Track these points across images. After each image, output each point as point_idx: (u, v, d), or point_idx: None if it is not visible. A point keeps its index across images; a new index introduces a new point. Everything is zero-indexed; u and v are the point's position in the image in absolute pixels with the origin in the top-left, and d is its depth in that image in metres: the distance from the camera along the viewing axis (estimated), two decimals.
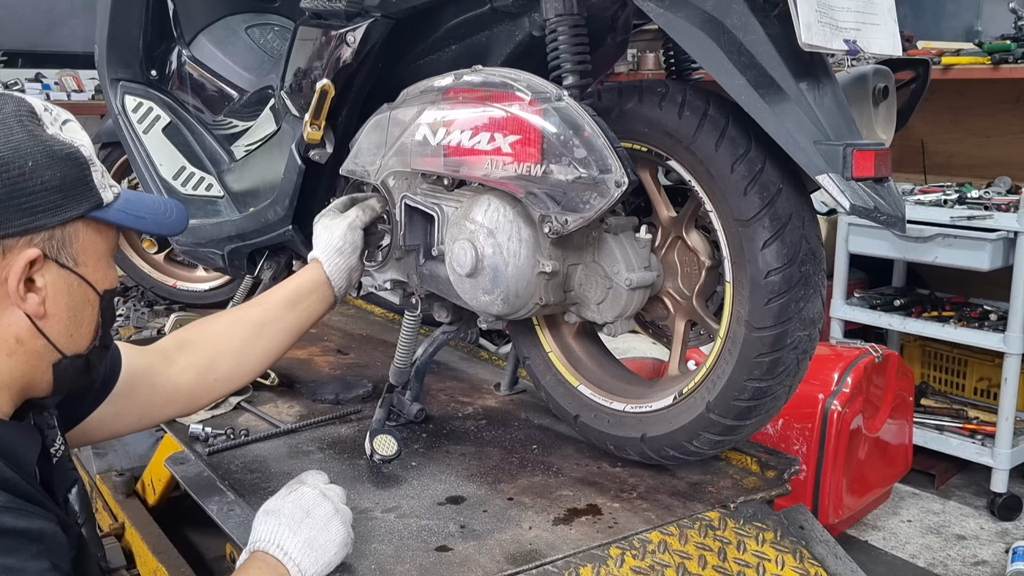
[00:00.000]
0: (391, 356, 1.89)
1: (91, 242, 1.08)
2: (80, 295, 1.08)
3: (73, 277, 1.06)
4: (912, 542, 2.91)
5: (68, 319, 1.07)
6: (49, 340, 1.06)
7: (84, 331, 1.10)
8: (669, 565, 1.46)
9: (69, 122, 1.09)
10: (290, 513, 1.27)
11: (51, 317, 1.05)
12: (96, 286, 1.09)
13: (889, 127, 1.67)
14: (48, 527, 1.00)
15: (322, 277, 1.63)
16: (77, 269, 1.06)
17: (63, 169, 1.03)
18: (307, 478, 1.36)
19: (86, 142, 1.08)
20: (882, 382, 2.75)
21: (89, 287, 1.08)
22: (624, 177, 1.36)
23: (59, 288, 1.05)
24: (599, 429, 1.74)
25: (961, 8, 4.04)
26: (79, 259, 1.06)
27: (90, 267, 1.08)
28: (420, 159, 1.60)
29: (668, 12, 1.39)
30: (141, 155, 2.34)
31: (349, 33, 1.71)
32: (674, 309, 1.65)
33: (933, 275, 3.66)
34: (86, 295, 1.08)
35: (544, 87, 1.44)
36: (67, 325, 1.07)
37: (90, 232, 1.07)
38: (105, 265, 1.11)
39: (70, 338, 1.08)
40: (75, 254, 1.06)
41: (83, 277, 1.07)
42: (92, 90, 4.42)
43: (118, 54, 2.39)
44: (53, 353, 1.07)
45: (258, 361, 1.56)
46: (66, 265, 1.05)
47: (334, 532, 1.28)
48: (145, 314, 2.86)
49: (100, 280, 1.10)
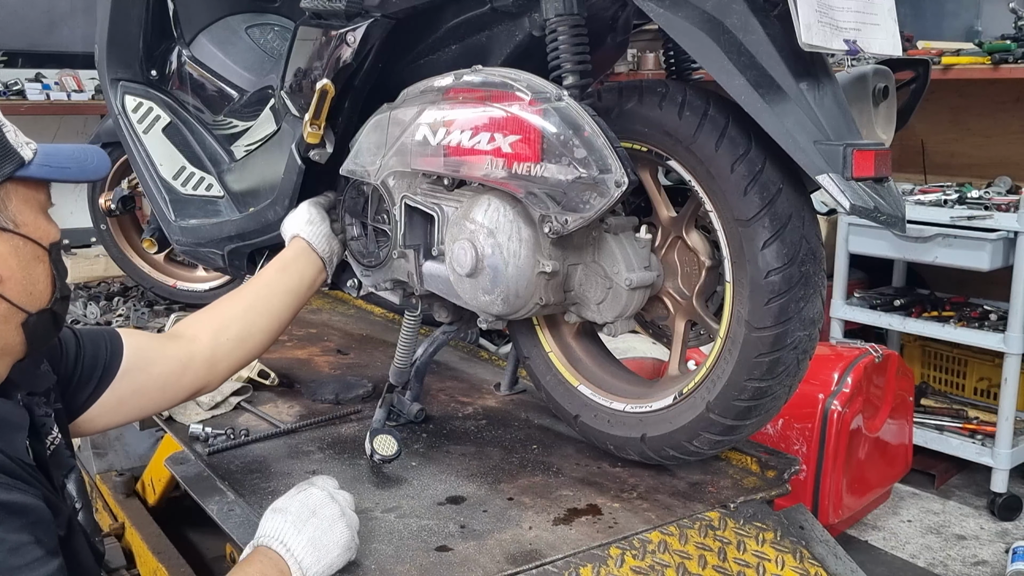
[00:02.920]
0: (391, 356, 1.89)
1: (24, 201, 1.09)
2: (28, 253, 1.10)
3: (16, 238, 1.08)
4: (912, 542, 2.91)
5: (23, 278, 1.09)
6: (11, 302, 1.09)
7: (41, 287, 1.12)
8: (669, 565, 1.46)
9: None
10: (296, 511, 1.27)
11: (6, 280, 1.08)
12: (41, 241, 1.11)
13: (889, 127, 1.67)
14: (31, 502, 1.02)
15: (302, 244, 1.75)
16: (19, 230, 1.08)
17: None
18: (317, 481, 1.37)
19: None
20: (882, 382, 2.75)
21: (35, 244, 1.10)
22: (624, 177, 1.36)
23: (6, 251, 1.08)
24: (599, 429, 1.74)
25: (961, 8, 4.04)
26: (17, 219, 1.08)
27: (30, 225, 1.10)
28: (420, 159, 1.60)
29: (668, 12, 1.39)
30: (141, 155, 2.34)
31: (349, 33, 1.71)
32: (674, 309, 1.65)
33: (933, 275, 3.66)
34: (34, 252, 1.10)
35: (544, 87, 1.44)
36: (24, 284, 1.10)
37: (20, 191, 1.09)
38: (44, 221, 1.13)
39: (30, 296, 1.11)
40: (12, 216, 1.08)
41: (26, 236, 1.09)
42: (92, 90, 4.42)
43: (118, 54, 2.39)
44: (18, 314, 1.10)
45: (265, 324, 1.63)
46: (6, 228, 1.07)
47: (338, 534, 1.28)
48: (145, 314, 2.86)
49: (43, 235, 1.12)
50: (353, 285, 2.03)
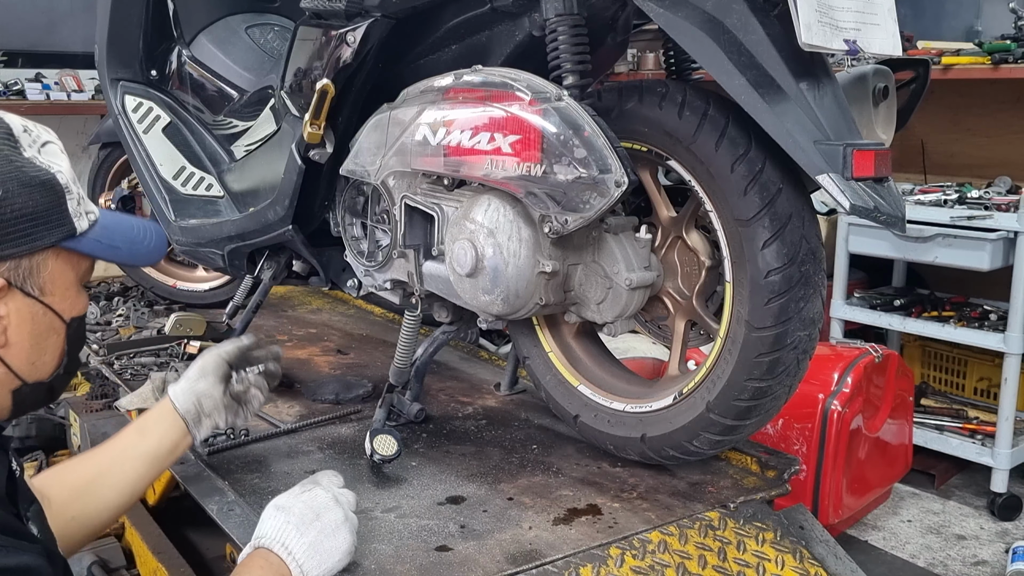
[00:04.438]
0: (391, 356, 1.89)
1: (60, 271, 1.05)
2: (44, 324, 1.05)
3: (38, 306, 1.03)
4: (912, 542, 2.91)
5: (31, 347, 1.05)
6: (10, 368, 1.04)
7: (47, 359, 1.08)
8: (669, 565, 1.46)
9: (49, 144, 1.05)
10: (300, 513, 1.25)
11: (13, 345, 1.03)
12: (63, 315, 1.07)
13: (889, 127, 1.67)
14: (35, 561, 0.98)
15: (167, 402, 1.53)
16: (43, 298, 1.03)
17: (37, 197, 0.99)
18: (322, 479, 1.35)
19: (64, 167, 1.04)
20: (882, 382, 2.75)
21: (55, 316, 1.06)
22: (624, 177, 1.36)
23: (23, 317, 1.02)
24: (599, 429, 1.74)
25: (961, 8, 4.04)
26: (46, 288, 1.03)
27: (57, 296, 1.05)
28: (420, 159, 1.60)
29: (668, 12, 1.39)
30: (141, 155, 2.34)
31: (349, 33, 1.71)
32: (674, 309, 1.65)
33: (933, 275, 3.66)
34: (51, 324, 1.06)
35: (544, 87, 1.44)
36: (29, 353, 1.05)
37: (60, 261, 1.04)
38: (74, 293, 1.08)
39: (32, 366, 1.06)
40: (42, 283, 1.03)
41: (49, 306, 1.05)
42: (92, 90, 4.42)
43: (118, 54, 2.39)
44: (13, 380, 1.05)
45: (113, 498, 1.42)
46: (31, 294, 1.02)
47: (340, 540, 1.26)
48: (145, 314, 2.86)
49: (67, 309, 1.07)
50: (353, 285, 2.03)
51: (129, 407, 2.04)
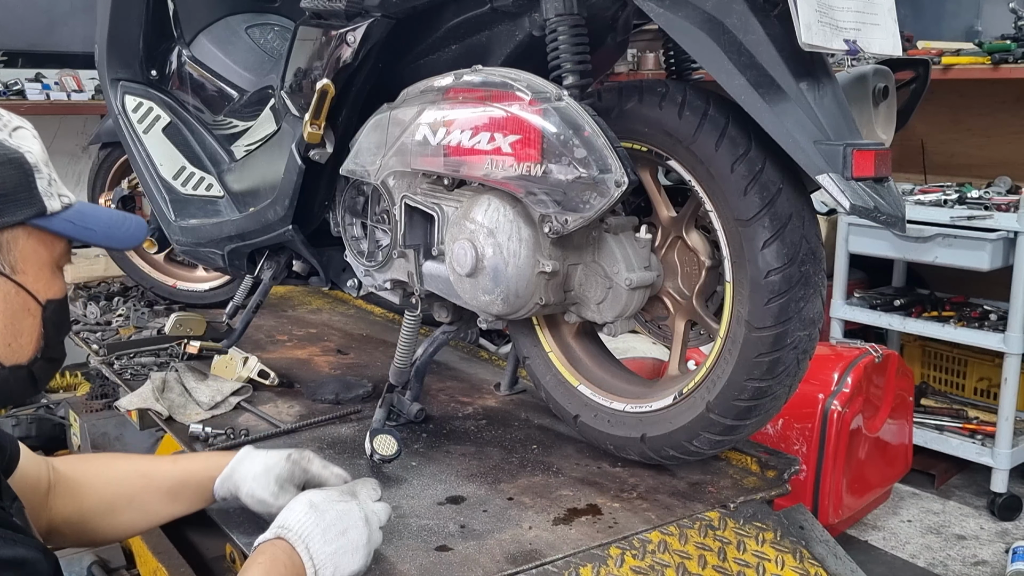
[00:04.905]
0: (391, 356, 1.89)
1: (33, 250, 1.04)
2: (18, 303, 1.04)
3: (9, 284, 1.03)
4: (912, 542, 2.91)
5: (3, 327, 1.03)
6: None
7: (24, 341, 1.06)
8: (669, 565, 1.46)
9: (20, 129, 1.05)
10: (331, 521, 1.23)
11: None
12: (37, 295, 1.06)
13: (889, 127, 1.67)
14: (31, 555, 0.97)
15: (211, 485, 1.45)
16: (14, 276, 1.03)
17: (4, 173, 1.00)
18: (360, 491, 1.33)
19: (35, 149, 1.04)
20: (882, 382, 2.75)
21: (28, 296, 1.05)
22: (624, 177, 1.36)
23: None
24: (599, 429, 1.74)
25: (961, 8, 4.04)
26: (17, 266, 1.03)
27: (31, 276, 1.04)
28: (420, 159, 1.60)
29: (668, 12, 1.39)
30: (141, 155, 2.34)
31: (349, 33, 1.71)
32: (674, 309, 1.65)
33: (933, 275, 3.66)
34: (25, 304, 1.05)
35: (544, 87, 1.44)
36: (3, 333, 1.04)
37: (32, 240, 1.04)
38: (48, 274, 1.07)
39: (7, 347, 1.04)
40: (13, 261, 1.02)
41: (21, 285, 1.04)
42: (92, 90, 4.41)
43: (118, 54, 2.39)
44: None
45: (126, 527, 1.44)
46: (2, 272, 1.02)
47: (357, 559, 1.24)
48: (145, 314, 2.85)
49: (42, 290, 1.06)
50: (353, 285, 2.03)
51: (129, 407, 2.04)
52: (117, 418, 2.14)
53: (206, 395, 2.06)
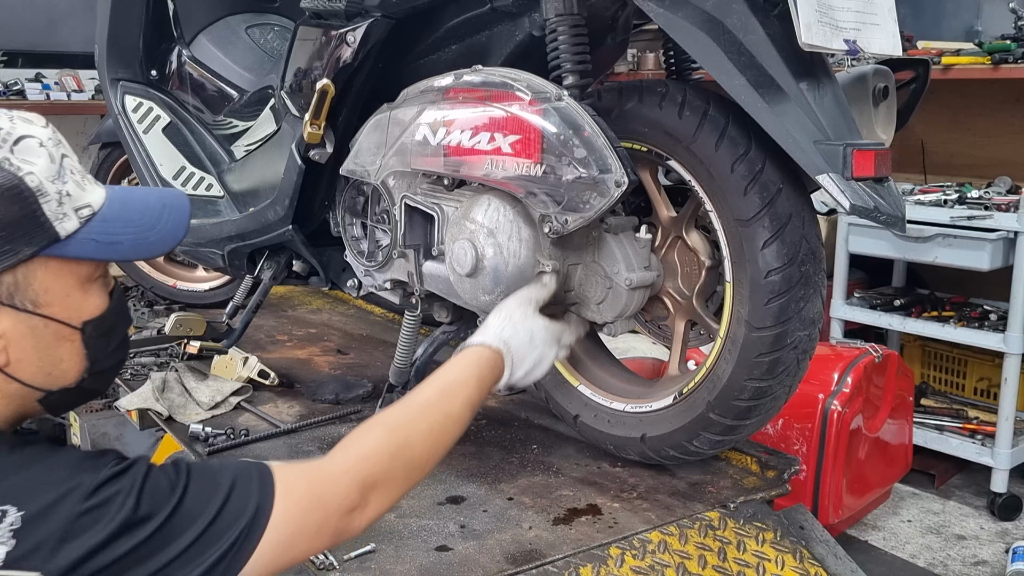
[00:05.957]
0: (391, 356, 1.89)
1: (55, 278, 0.95)
2: (49, 335, 0.96)
3: (36, 319, 0.95)
4: (912, 542, 2.90)
5: (39, 360, 0.97)
6: (23, 383, 0.96)
7: (65, 367, 0.99)
8: (669, 565, 1.46)
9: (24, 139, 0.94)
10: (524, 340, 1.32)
11: (19, 362, 0.95)
12: (70, 321, 0.98)
13: (889, 127, 1.67)
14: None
15: None
16: (40, 311, 0.95)
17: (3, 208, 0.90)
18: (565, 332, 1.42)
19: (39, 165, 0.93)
20: (882, 382, 2.74)
21: (60, 325, 0.97)
22: (624, 177, 1.36)
23: (20, 332, 0.94)
24: (599, 429, 1.74)
25: (961, 8, 4.04)
26: (40, 300, 0.94)
27: (57, 305, 0.96)
28: (420, 159, 1.60)
29: (668, 12, 1.39)
30: (141, 155, 2.34)
31: (349, 33, 1.71)
32: (674, 309, 1.65)
33: (933, 275, 3.66)
34: (58, 333, 0.97)
35: (544, 87, 1.44)
36: (40, 365, 0.97)
37: (51, 268, 0.95)
38: (79, 298, 0.98)
39: (49, 376, 0.98)
40: (34, 296, 0.94)
41: (49, 317, 0.96)
42: (92, 90, 4.41)
43: (118, 54, 2.39)
44: (34, 392, 0.98)
45: None
46: (24, 308, 0.94)
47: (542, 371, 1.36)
48: (145, 314, 2.86)
49: (75, 315, 0.98)
50: (353, 285, 2.03)
51: (129, 407, 2.04)
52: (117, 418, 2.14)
53: (206, 395, 2.06)
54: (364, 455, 1.08)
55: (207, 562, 0.90)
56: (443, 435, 1.18)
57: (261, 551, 0.94)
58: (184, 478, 0.93)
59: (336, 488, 1.02)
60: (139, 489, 0.89)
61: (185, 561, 0.89)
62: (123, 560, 0.86)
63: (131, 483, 0.89)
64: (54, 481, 0.87)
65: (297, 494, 0.98)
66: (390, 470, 1.09)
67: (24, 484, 0.86)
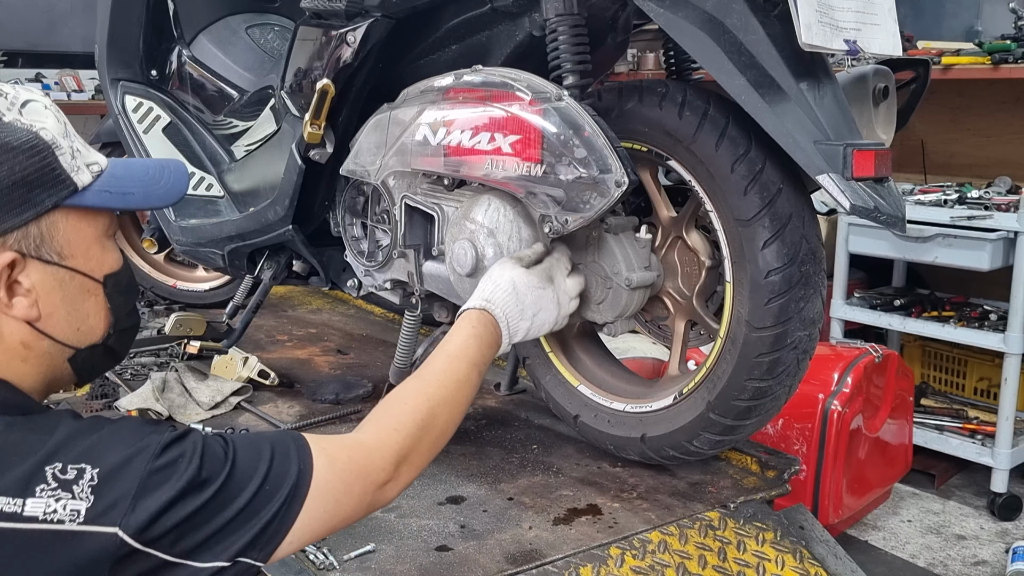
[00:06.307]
0: (391, 356, 1.89)
1: (75, 230, 0.99)
2: (75, 287, 1.00)
3: (62, 271, 0.98)
4: (912, 542, 2.90)
5: (68, 314, 1.00)
6: (54, 339, 1.00)
7: (92, 322, 1.03)
8: (669, 565, 1.46)
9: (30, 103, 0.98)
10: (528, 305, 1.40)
11: (49, 316, 0.98)
12: (92, 275, 1.01)
13: (889, 127, 1.67)
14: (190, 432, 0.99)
15: None
16: (65, 262, 0.98)
17: (23, 160, 0.94)
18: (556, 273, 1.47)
19: (48, 123, 0.97)
20: (882, 382, 2.75)
21: (85, 277, 1.00)
22: (624, 177, 1.36)
23: (49, 285, 0.98)
24: (599, 429, 1.74)
25: (961, 8, 4.03)
26: (64, 251, 0.98)
27: (80, 257, 1.00)
28: (420, 159, 1.60)
29: (668, 12, 1.39)
30: (141, 155, 2.34)
31: (349, 33, 1.71)
32: (674, 309, 1.65)
33: (933, 275, 3.66)
34: (83, 286, 1.01)
35: (544, 87, 1.44)
36: (69, 320, 1.00)
37: (72, 220, 0.98)
38: (99, 249, 1.02)
39: (78, 332, 1.02)
40: (59, 247, 0.97)
41: (74, 269, 0.99)
42: (92, 90, 4.42)
43: (118, 54, 2.39)
44: (64, 350, 1.01)
45: None
46: (51, 260, 0.97)
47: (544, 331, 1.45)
48: (145, 314, 2.85)
49: (96, 267, 1.02)
50: (353, 285, 2.03)
51: (129, 407, 2.04)
52: None
53: (206, 395, 2.06)
54: (395, 427, 1.13)
55: (259, 524, 0.95)
56: (460, 401, 1.26)
57: (307, 517, 0.99)
58: (232, 446, 0.98)
59: (373, 461, 1.08)
60: (200, 453, 0.93)
61: (241, 522, 0.94)
62: (191, 520, 0.91)
63: (193, 447, 0.93)
64: (123, 442, 0.91)
65: (340, 465, 1.03)
66: (418, 441, 1.14)
67: (96, 445, 0.90)
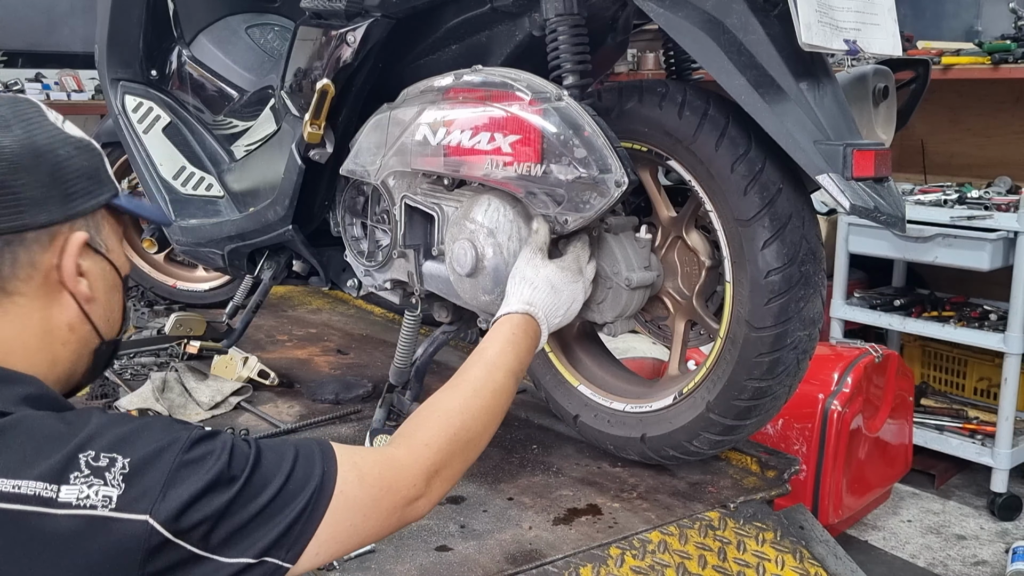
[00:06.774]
0: (391, 356, 1.89)
1: (112, 228, 1.09)
2: (111, 280, 1.09)
3: (105, 263, 1.07)
4: (912, 542, 2.90)
5: (105, 303, 1.08)
6: (93, 325, 1.06)
7: (116, 316, 1.11)
8: (669, 565, 1.46)
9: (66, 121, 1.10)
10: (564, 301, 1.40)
11: (94, 302, 1.06)
12: (121, 271, 1.11)
13: (889, 127, 1.67)
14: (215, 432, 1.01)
15: None
16: (108, 255, 1.08)
17: (87, 156, 1.05)
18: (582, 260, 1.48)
19: None
20: (882, 382, 2.75)
21: (116, 273, 1.10)
22: (624, 177, 1.36)
23: (97, 273, 1.06)
24: (599, 429, 1.74)
25: (961, 8, 4.03)
26: (107, 244, 1.08)
27: (114, 252, 1.09)
28: (420, 159, 1.60)
29: (668, 12, 1.39)
30: (141, 155, 2.34)
31: (349, 33, 1.71)
32: (674, 309, 1.65)
33: (933, 275, 3.66)
34: (115, 281, 1.10)
35: (544, 87, 1.44)
36: (105, 310, 1.08)
37: (109, 219, 1.09)
38: (120, 252, 1.12)
39: (107, 323, 1.09)
40: (104, 239, 1.07)
41: (112, 262, 1.08)
42: (92, 90, 4.42)
43: (118, 54, 2.39)
44: (95, 338, 1.08)
45: None
46: (100, 250, 1.06)
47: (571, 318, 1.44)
48: (145, 314, 2.86)
49: (122, 266, 1.11)
50: (353, 285, 2.03)
51: (129, 407, 2.04)
52: None
53: (206, 395, 2.06)
54: (427, 442, 1.12)
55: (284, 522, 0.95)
56: (495, 411, 1.23)
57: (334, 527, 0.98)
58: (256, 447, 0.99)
59: (404, 477, 1.07)
60: (229, 451, 0.95)
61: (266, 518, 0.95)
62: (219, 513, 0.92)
63: (222, 445, 0.95)
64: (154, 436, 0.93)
65: (371, 480, 1.03)
66: (451, 456, 1.13)
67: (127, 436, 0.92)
